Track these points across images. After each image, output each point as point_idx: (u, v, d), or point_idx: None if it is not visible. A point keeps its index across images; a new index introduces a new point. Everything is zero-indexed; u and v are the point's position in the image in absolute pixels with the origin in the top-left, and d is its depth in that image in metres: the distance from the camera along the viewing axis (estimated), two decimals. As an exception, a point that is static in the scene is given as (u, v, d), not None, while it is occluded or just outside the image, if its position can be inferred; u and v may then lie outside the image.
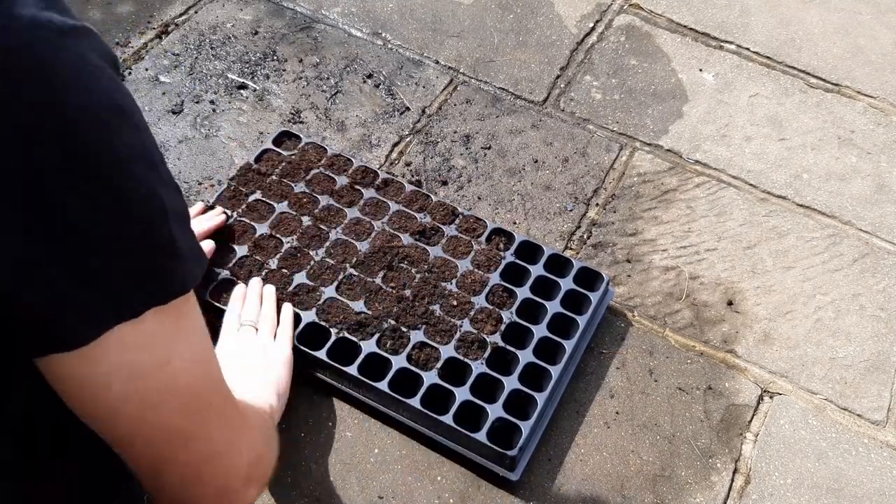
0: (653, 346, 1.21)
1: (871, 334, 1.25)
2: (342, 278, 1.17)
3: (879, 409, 1.17)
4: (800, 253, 1.34)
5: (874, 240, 1.36)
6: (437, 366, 1.08)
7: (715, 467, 1.10)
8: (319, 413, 1.11)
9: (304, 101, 1.49)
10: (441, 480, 1.06)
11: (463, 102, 1.52)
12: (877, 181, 1.45)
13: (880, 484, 1.10)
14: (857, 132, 1.52)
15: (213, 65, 1.54)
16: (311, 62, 1.56)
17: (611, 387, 1.17)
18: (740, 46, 1.66)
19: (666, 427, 1.13)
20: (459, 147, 1.44)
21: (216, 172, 1.37)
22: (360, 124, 1.47)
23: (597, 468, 1.09)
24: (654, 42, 1.66)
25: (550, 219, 1.36)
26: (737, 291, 1.29)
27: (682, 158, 1.47)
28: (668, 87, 1.58)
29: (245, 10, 1.65)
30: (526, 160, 1.43)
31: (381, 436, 1.10)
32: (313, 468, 1.07)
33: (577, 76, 1.58)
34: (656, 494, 1.07)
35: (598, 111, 1.53)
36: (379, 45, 1.61)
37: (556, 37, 1.65)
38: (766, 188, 1.43)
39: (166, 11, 1.63)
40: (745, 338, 1.24)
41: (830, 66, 1.63)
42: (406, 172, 1.39)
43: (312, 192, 1.26)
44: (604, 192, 1.40)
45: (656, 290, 1.28)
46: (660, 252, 1.33)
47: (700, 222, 1.37)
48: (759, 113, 1.55)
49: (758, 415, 1.16)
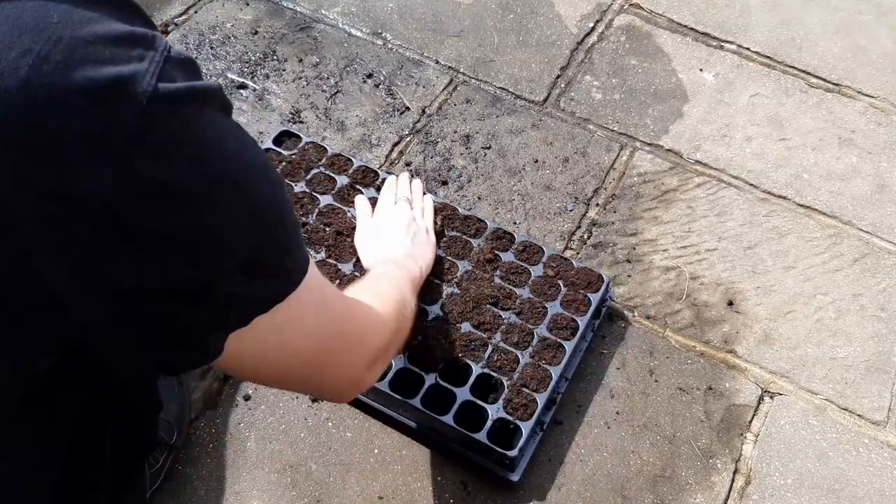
0: (653, 346, 1.21)
1: (871, 334, 1.25)
2: (342, 278, 1.16)
3: (880, 410, 1.17)
4: (800, 253, 1.34)
5: (875, 240, 1.36)
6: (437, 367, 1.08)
7: (715, 467, 1.10)
8: (319, 413, 1.11)
9: (304, 101, 1.49)
10: (441, 480, 1.06)
11: (463, 102, 1.52)
12: (877, 181, 1.45)
13: (881, 484, 1.10)
14: (858, 132, 1.52)
15: (212, 65, 1.54)
16: (310, 62, 1.56)
17: (611, 387, 1.17)
18: (741, 46, 1.66)
19: (666, 427, 1.13)
20: (459, 147, 1.44)
21: (216, 172, 1.37)
22: (360, 124, 1.47)
23: (597, 468, 1.09)
24: (655, 42, 1.66)
25: (550, 219, 1.36)
26: (737, 291, 1.29)
27: (683, 158, 1.46)
28: (668, 87, 1.58)
29: (245, 10, 1.65)
30: (526, 160, 1.43)
31: (381, 436, 1.10)
32: (313, 468, 1.07)
33: (577, 76, 1.58)
34: (656, 495, 1.07)
35: (598, 111, 1.53)
36: (379, 45, 1.61)
37: (557, 37, 1.65)
38: (766, 188, 1.43)
39: (166, 11, 1.63)
40: (745, 338, 1.23)
41: (831, 66, 1.63)
42: (406, 172, 1.39)
43: (313, 192, 1.26)
44: (604, 192, 1.40)
45: (656, 291, 1.28)
46: (660, 252, 1.33)
47: (700, 222, 1.37)
48: (760, 113, 1.54)
49: (758, 415, 1.16)
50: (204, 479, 1.05)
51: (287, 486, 1.05)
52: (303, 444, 1.09)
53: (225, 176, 0.47)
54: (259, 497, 1.04)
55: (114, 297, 0.46)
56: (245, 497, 1.04)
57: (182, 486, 1.04)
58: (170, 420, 1.04)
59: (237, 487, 1.04)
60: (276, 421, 1.10)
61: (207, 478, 1.05)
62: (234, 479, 1.05)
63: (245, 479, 1.05)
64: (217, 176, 0.46)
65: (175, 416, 1.05)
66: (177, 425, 1.04)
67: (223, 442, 1.08)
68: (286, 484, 1.05)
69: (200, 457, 1.07)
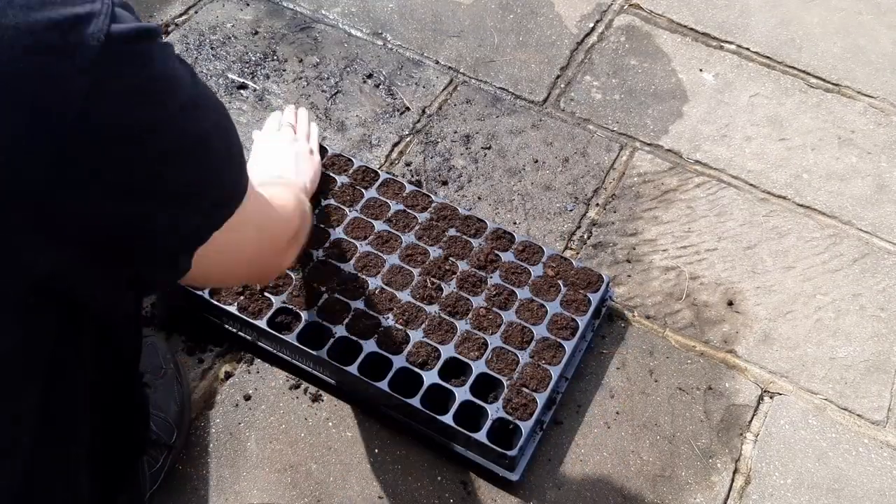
0: (653, 346, 1.21)
1: (871, 334, 1.25)
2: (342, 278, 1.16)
3: (880, 410, 1.17)
4: (800, 253, 1.34)
5: (874, 240, 1.36)
6: (438, 365, 1.08)
7: (715, 467, 1.10)
8: (319, 413, 1.11)
9: (304, 101, 1.49)
10: (441, 480, 1.06)
11: (463, 102, 1.52)
12: (877, 181, 1.45)
13: (880, 484, 1.10)
14: (858, 132, 1.52)
15: (213, 65, 1.54)
16: (311, 62, 1.56)
17: (611, 387, 1.17)
18: (740, 46, 1.66)
19: (666, 427, 1.13)
20: (459, 147, 1.44)
21: (216, 172, 1.37)
22: (360, 124, 1.47)
23: (597, 468, 1.09)
24: (655, 42, 1.66)
25: (550, 219, 1.36)
26: (737, 291, 1.29)
27: (683, 158, 1.47)
28: (668, 87, 1.58)
29: (245, 10, 1.65)
30: (526, 160, 1.43)
31: (381, 436, 1.10)
32: (313, 468, 1.07)
33: (577, 76, 1.58)
34: (656, 494, 1.07)
35: (598, 111, 1.53)
36: (379, 45, 1.61)
37: (556, 37, 1.65)
38: (766, 188, 1.43)
39: (166, 11, 1.63)
40: (745, 338, 1.23)
41: (830, 66, 1.63)
42: (406, 172, 1.39)
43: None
44: (604, 192, 1.40)
45: (656, 290, 1.28)
46: (660, 252, 1.33)
47: (700, 222, 1.37)
48: (760, 113, 1.54)
49: (758, 415, 1.16)
50: (204, 479, 1.05)
51: (287, 485, 1.05)
52: (303, 443, 1.09)
53: (180, 107, 0.53)
54: (259, 497, 1.04)
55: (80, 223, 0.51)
56: (245, 497, 1.04)
57: (182, 486, 1.04)
58: (169, 419, 1.04)
59: (237, 487, 1.05)
60: (276, 421, 1.10)
61: (207, 478, 1.05)
62: (234, 479, 1.05)
63: (245, 479, 1.05)
64: (173, 107, 0.52)
65: (175, 415, 1.05)
66: (176, 424, 1.04)
67: (223, 442, 1.08)
68: (286, 484, 1.05)
69: (200, 457, 1.07)
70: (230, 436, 1.09)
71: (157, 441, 1.01)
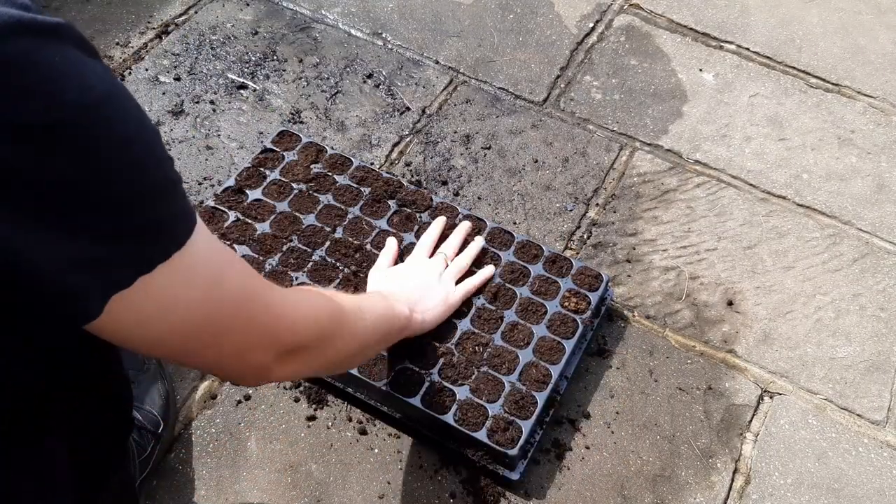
0: (653, 346, 1.21)
1: (871, 334, 1.25)
2: (342, 277, 1.17)
3: (879, 409, 1.17)
4: (800, 253, 1.34)
5: (874, 240, 1.36)
6: (438, 365, 1.08)
7: (715, 467, 1.10)
8: (319, 413, 1.11)
9: (304, 101, 1.49)
10: (441, 480, 1.06)
11: (463, 102, 1.52)
12: (877, 181, 1.45)
13: (880, 484, 1.10)
14: (857, 132, 1.52)
15: (213, 65, 1.54)
16: (310, 62, 1.56)
17: (611, 387, 1.17)
18: (740, 46, 1.66)
19: (666, 427, 1.13)
20: (459, 147, 1.44)
21: (216, 172, 1.37)
22: (360, 124, 1.47)
23: (597, 468, 1.09)
24: (654, 42, 1.66)
25: (550, 219, 1.36)
26: (737, 291, 1.29)
27: (682, 158, 1.47)
28: (668, 87, 1.58)
29: (245, 10, 1.65)
30: (526, 160, 1.43)
31: (381, 436, 1.10)
32: (313, 468, 1.07)
33: (577, 76, 1.58)
34: (656, 494, 1.07)
35: (598, 111, 1.53)
36: (379, 45, 1.61)
37: (556, 37, 1.65)
38: (766, 188, 1.43)
39: (166, 11, 1.63)
40: (745, 338, 1.24)
41: (830, 66, 1.63)
42: (406, 172, 1.39)
43: (313, 192, 1.26)
44: (604, 192, 1.40)
45: (656, 290, 1.28)
46: (660, 252, 1.33)
47: (700, 222, 1.37)
48: (759, 113, 1.55)
49: (758, 415, 1.16)
50: (204, 479, 1.05)
51: (287, 485, 1.05)
52: (303, 443, 1.09)
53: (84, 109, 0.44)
54: (259, 497, 1.04)
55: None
56: (245, 497, 1.04)
57: (182, 486, 1.04)
58: (154, 412, 1.04)
59: (237, 487, 1.05)
60: (276, 421, 1.10)
61: (207, 478, 1.05)
62: (234, 479, 1.05)
63: (245, 479, 1.05)
64: (74, 109, 0.43)
65: (160, 408, 1.05)
66: (162, 418, 1.04)
67: (223, 442, 1.08)
68: (286, 484, 1.05)
69: (200, 457, 1.07)
70: (230, 436, 1.09)
71: (143, 428, 1.01)
